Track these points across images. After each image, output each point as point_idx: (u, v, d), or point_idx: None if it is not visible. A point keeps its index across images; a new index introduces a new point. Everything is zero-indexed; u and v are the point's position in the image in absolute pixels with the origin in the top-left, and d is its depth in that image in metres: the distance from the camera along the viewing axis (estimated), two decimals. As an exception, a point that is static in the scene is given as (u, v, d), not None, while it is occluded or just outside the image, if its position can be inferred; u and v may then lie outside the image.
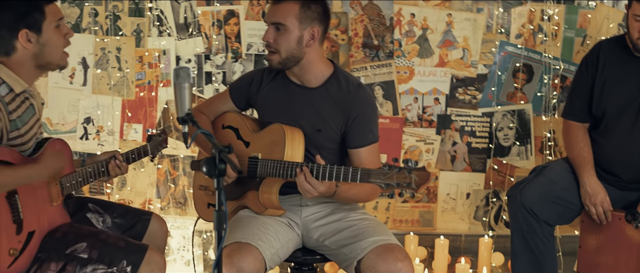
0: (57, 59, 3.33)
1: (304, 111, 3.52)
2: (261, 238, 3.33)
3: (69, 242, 3.24)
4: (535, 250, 3.99)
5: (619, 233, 3.92)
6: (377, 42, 5.11)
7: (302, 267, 3.61)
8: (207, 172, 2.66)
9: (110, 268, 3.20)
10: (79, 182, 3.41)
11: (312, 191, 3.21)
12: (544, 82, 5.06)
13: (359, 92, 3.52)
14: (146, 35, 5.05)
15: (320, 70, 3.52)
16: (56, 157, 3.27)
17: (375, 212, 5.21)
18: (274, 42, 3.43)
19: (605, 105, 3.94)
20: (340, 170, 3.15)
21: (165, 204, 5.15)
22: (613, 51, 3.94)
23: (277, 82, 3.61)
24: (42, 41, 3.25)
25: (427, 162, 5.20)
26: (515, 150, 5.18)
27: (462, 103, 5.17)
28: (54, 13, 3.29)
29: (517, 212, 3.98)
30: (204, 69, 5.10)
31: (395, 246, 3.29)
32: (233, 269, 3.19)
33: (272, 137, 3.46)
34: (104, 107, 5.08)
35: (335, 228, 3.47)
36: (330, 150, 3.53)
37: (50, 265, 3.20)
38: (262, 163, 3.43)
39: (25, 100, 3.27)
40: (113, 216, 3.58)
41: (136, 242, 3.34)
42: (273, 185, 3.42)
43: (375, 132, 3.54)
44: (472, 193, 5.24)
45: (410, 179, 2.98)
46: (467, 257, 5.06)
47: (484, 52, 5.11)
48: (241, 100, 3.72)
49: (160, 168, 5.14)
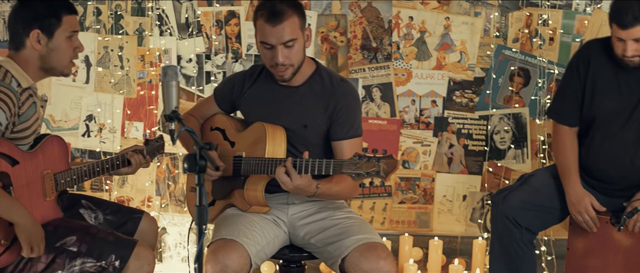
0: (62, 67, 3.42)
1: (289, 108, 3.57)
2: (247, 235, 3.38)
3: (59, 236, 3.30)
4: (514, 256, 4.01)
5: (606, 236, 3.94)
6: (375, 44, 5.16)
7: (290, 264, 3.66)
8: (188, 168, 2.73)
9: (99, 262, 3.27)
10: (74, 179, 3.46)
11: (288, 182, 3.25)
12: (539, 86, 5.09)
13: (342, 86, 3.59)
14: (148, 34, 5.13)
15: (304, 68, 3.58)
16: (38, 229, 3.23)
17: (373, 213, 5.26)
18: (287, 59, 3.45)
19: (596, 111, 3.94)
20: (314, 163, 3.21)
21: (164, 202, 5.22)
22: (604, 54, 3.92)
23: (260, 84, 3.67)
24: (51, 46, 3.35)
25: (424, 163, 5.25)
26: (511, 154, 5.21)
27: (459, 106, 5.22)
28: (70, 24, 3.39)
29: (499, 219, 4.01)
30: (204, 68, 5.17)
31: (378, 244, 3.34)
32: (218, 266, 3.25)
33: (255, 135, 3.52)
34: (105, 104, 5.15)
35: (320, 226, 3.52)
36: (318, 145, 3.59)
37: (40, 257, 3.25)
38: (245, 161, 3.49)
39: (29, 97, 3.35)
40: (105, 213, 3.64)
41: (125, 237, 3.40)
42: (258, 183, 3.48)
43: (358, 126, 3.60)
44: (469, 195, 5.28)
45: (378, 167, 3.05)
46: (463, 258, 5.10)
47: (481, 55, 5.15)
48: (226, 104, 3.80)
49: (160, 166, 5.22)
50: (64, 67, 3.42)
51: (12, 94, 3.22)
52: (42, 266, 3.26)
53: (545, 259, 4.93)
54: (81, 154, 5.18)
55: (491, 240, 4.11)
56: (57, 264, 3.27)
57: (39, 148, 3.36)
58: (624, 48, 3.73)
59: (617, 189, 3.95)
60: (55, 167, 3.41)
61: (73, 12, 3.43)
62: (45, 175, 3.37)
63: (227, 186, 3.60)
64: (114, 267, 3.27)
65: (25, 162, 3.29)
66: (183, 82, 5.13)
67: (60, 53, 3.38)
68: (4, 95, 3.18)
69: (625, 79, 3.87)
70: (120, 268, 3.28)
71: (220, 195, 3.65)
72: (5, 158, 3.21)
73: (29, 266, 3.26)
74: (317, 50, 5.15)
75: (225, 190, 3.61)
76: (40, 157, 3.36)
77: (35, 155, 3.34)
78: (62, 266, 3.27)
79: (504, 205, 3.98)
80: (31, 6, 3.36)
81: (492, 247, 4.10)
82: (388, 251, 3.33)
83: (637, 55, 3.74)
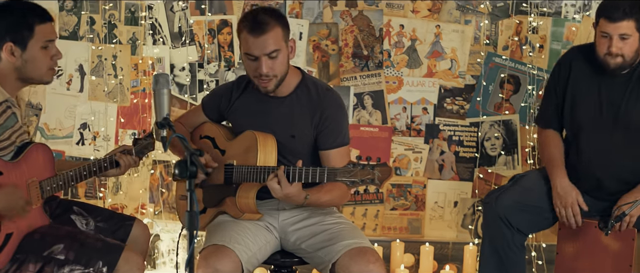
0: (40, 76, 3.41)
1: (277, 119, 3.60)
2: (238, 241, 3.41)
3: (46, 244, 3.31)
4: (504, 258, 4.04)
5: (594, 241, 3.97)
6: (366, 52, 5.20)
7: (281, 269, 3.69)
8: (179, 174, 2.77)
9: (87, 269, 3.27)
10: (60, 185, 3.44)
11: (278, 190, 3.28)
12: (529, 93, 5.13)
13: (327, 96, 3.62)
14: (141, 43, 5.17)
15: (290, 78, 3.60)
16: (15, 196, 3.26)
17: (364, 219, 5.29)
18: (271, 70, 3.47)
19: (579, 116, 3.98)
20: (308, 171, 3.25)
21: (158, 209, 5.25)
22: (584, 60, 3.96)
23: (247, 95, 3.69)
24: (25, 57, 3.33)
25: (415, 170, 5.29)
26: (502, 160, 5.25)
27: (450, 113, 5.26)
28: (44, 33, 3.37)
29: (490, 220, 4.04)
30: (197, 77, 5.21)
31: (368, 249, 3.37)
32: (209, 270, 3.28)
33: (245, 143, 3.55)
34: (99, 113, 5.19)
35: (311, 231, 3.55)
36: (306, 155, 3.61)
37: (28, 266, 3.27)
38: (237, 169, 3.52)
39: (7, 109, 3.33)
40: (97, 220, 3.64)
41: (113, 242, 3.40)
42: (249, 190, 3.51)
43: (345, 134, 3.63)
44: (460, 201, 5.32)
45: (373, 175, 3.10)
46: (454, 264, 5.13)
47: (471, 63, 5.19)
48: (213, 114, 3.82)
49: (154, 173, 5.25)
50: (42, 76, 3.41)
51: None
52: None
53: (535, 264, 4.97)
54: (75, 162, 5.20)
55: (482, 243, 4.14)
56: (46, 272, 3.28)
57: (23, 158, 3.35)
58: (609, 44, 3.76)
59: (604, 193, 3.98)
60: (40, 175, 3.40)
61: (46, 20, 3.39)
62: (30, 183, 3.35)
63: (219, 194, 3.63)
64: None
65: (9, 172, 3.28)
66: (176, 90, 5.17)
67: (36, 63, 3.36)
68: None
69: (606, 84, 3.91)
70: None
71: (211, 203, 3.68)
72: None
73: None
74: (309, 58, 5.19)
75: (217, 197, 3.64)
76: (24, 166, 3.34)
77: (19, 165, 3.33)
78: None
79: (497, 205, 4.02)
80: (2, 18, 3.32)
81: (482, 249, 4.13)
82: (377, 255, 3.37)
83: (620, 55, 3.77)
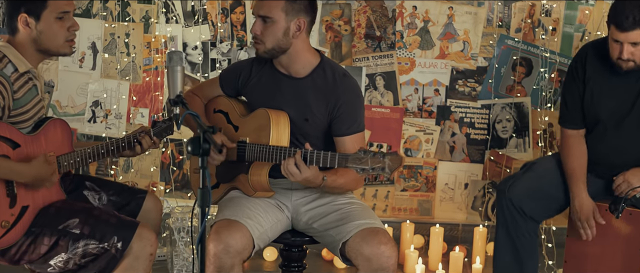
0: (57, 47, 3.42)
1: (292, 101, 3.59)
2: (250, 217, 3.42)
3: (61, 218, 3.33)
4: (518, 245, 4.05)
5: (605, 224, 3.97)
6: (379, 33, 5.20)
7: (291, 249, 3.70)
8: (192, 151, 2.78)
9: (102, 244, 3.29)
10: (77, 162, 3.46)
11: (297, 174, 3.28)
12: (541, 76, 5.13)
13: (344, 82, 3.59)
14: (154, 21, 5.17)
15: (308, 60, 3.59)
16: (46, 166, 3.31)
17: (375, 200, 5.30)
18: (261, 34, 3.49)
19: (598, 111, 3.96)
20: (319, 155, 3.24)
21: (169, 187, 5.27)
22: (599, 56, 3.94)
23: (265, 72, 3.68)
24: (40, 28, 3.36)
25: (426, 151, 5.29)
26: (513, 143, 5.25)
27: (462, 95, 5.26)
28: (58, 5, 3.38)
29: (504, 208, 4.03)
30: (209, 56, 5.21)
31: (379, 229, 3.37)
32: (221, 245, 3.28)
33: (258, 121, 3.55)
34: (111, 91, 5.20)
35: (323, 211, 3.56)
36: (318, 138, 3.61)
37: (43, 239, 3.30)
38: (249, 147, 3.52)
39: (28, 80, 3.38)
40: (109, 194, 3.66)
41: (127, 218, 3.42)
42: (262, 168, 3.51)
43: (361, 121, 3.61)
44: (470, 183, 5.32)
45: (383, 164, 3.07)
46: (464, 246, 5.13)
47: (484, 45, 5.19)
48: (230, 90, 3.80)
49: (165, 151, 5.27)
50: (59, 47, 3.42)
51: (4, 80, 3.25)
52: (45, 248, 3.31)
53: (545, 247, 4.97)
54: (87, 140, 5.23)
55: (496, 229, 4.14)
56: (60, 246, 3.30)
57: (41, 131, 3.39)
58: (620, 50, 3.74)
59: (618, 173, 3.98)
60: (58, 150, 3.43)
61: None
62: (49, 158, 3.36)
63: (231, 170, 3.63)
64: (117, 249, 3.30)
65: (27, 144, 3.32)
66: (188, 69, 5.17)
67: (52, 34, 3.38)
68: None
69: (621, 79, 3.89)
70: (123, 249, 3.31)
71: (224, 179, 3.69)
72: (5, 141, 3.25)
73: (32, 248, 3.31)
74: (322, 38, 5.19)
75: (230, 174, 3.65)
76: (43, 140, 3.38)
77: (37, 138, 3.37)
78: (65, 248, 3.30)
79: (510, 194, 4.01)
80: None
81: (497, 235, 4.13)
82: (389, 236, 3.36)
83: (632, 60, 3.75)
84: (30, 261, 3.34)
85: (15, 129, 3.30)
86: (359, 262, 3.33)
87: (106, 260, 3.32)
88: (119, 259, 3.32)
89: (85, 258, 3.32)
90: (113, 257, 3.31)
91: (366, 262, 3.31)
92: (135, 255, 3.34)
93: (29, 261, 3.34)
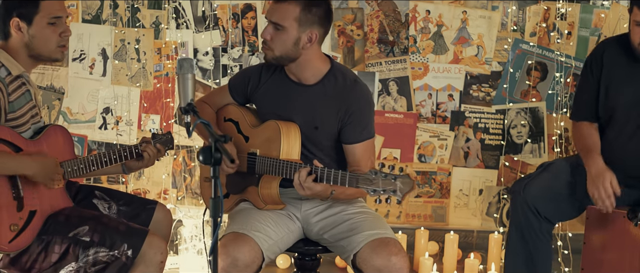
0: (48, 52, 3.41)
1: (302, 108, 3.54)
2: (259, 230, 3.37)
3: (71, 225, 3.31)
4: (531, 247, 3.99)
5: (623, 231, 3.91)
6: (392, 38, 5.15)
7: (305, 258, 3.66)
8: (203, 160, 2.73)
9: (112, 252, 3.27)
10: (81, 169, 3.44)
11: (307, 190, 3.24)
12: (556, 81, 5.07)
13: (355, 88, 3.54)
14: (165, 27, 5.14)
15: (317, 67, 3.54)
16: (51, 160, 3.32)
17: (388, 206, 5.25)
18: (270, 41, 3.44)
19: (613, 105, 3.93)
20: (330, 173, 3.18)
21: (180, 194, 5.23)
22: (617, 52, 3.91)
23: (275, 79, 3.63)
24: (31, 33, 3.35)
25: (440, 157, 5.24)
26: (528, 148, 5.20)
27: (476, 100, 5.20)
28: (50, 9, 3.37)
29: (519, 208, 3.99)
30: (221, 61, 5.17)
31: (390, 240, 3.31)
32: (228, 259, 3.24)
33: (268, 133, 3.50)
34: (122, 97, 5.17)
35: (333, 221, 3.51)
36: (328, 146, 3.57)
37: (54, 247, 3.28)
38: (260, 160, 3.47)
39: (22, 85, 3.36)
40: (119, 204, 3.63)
41: (137, 227, 3.40)
42: (272, 181, 3.46)
43: (371, 128, 3.56)
44: (485, 189, 5.27)
45: (395, 186, 2.99)
46: (478, 252, 5.09)
47: (498, 49, 5.14)
48: (240, 97, 3.75)
49: (177, 159, 5.23)
50: (51, 53, 3.41)
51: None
52: (56, 257, 3.28)
53: (561, 254, 4.92)
54: (98, 146, 5.20)
55: (509, 231, 4.09)
56: (71, 255, 3.28)
57: (43, 137, 3.38)
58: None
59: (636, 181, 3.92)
60: (60, 156, 3.41)
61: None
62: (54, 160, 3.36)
63: (242, 182, 3.59)
64: (127, 256, 3.27)
65: (29, 149, 3.30)
66: (199, 75, 5.14)
67: (44, 39, 3.37)
68: None
69: None
70: (133, 257, 3.28)
71: (234, 189, 3.65)
72: (7, 145, 3.23)
73: (43, 256, 3.29)
74: (334, 43, 5.15)
75: (240, 185, 3.61)
76: (44, 145, 3.37)
77: (39, 143, 3.35)
78: (75, 257, 3.28)
79: (525, 193, 3.96)
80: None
81: (509, 237, 4.07)
82: (400, 246, 3.31)
83: None
84: (41, 270, 3.32)
85: (17, 133, 3.29)
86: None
87: (117, 268, 3.29)
88: (130, 267, 3.30)
89: (96, 267, 3.29)
90: (124, 265, 3.29)
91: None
92: (146, 263, 3.32)
93: (40, 270, 3.32)
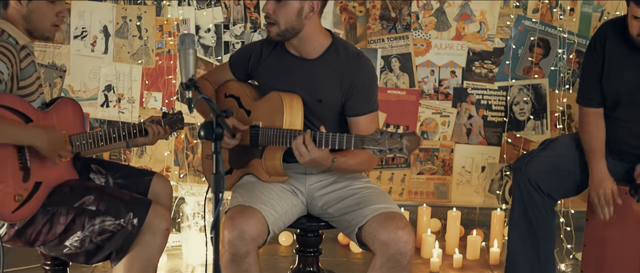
0: (43, 30, 3.43)
1: (304, 82, 3.53)
2: (264, 203, 3.37)
3: (76, 196, 3.31)
4: (534, 223, 4.00)
5: (625, 208, 3.91)
6: (394, 14, 5.14)
7: (307, 233, 3.66)
8: (205, 136, 2.73)
9: (118, 220, 3.27)
10: (89, 143, 3.44)
11: (306, 154, 3.24)
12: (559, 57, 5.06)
13: (357, 61, 3.54)
14: (166, 4, 5.12)
15: (319, 41, 3.53)
16: (61, 134, 3.33)
17: (391, 183, 5.26)
18: (273, 14, 3.43)
19: (616, 88, 3.92)
20: (335, 137, 3.19)
21: (183, 172, 5.23)
22: (620, 33, 3.90)
23: (276, 54, 3.63)
24: (30, 7, 3.36)
25: (443, 134, 5.24)
26: (530, 125, 5.19)
27: (479, 76, 5.19)
28: None
29: (521, 184, 3.99)
30: (223, 38, 5.16)
31: (397, 214, 3.32)
32: (235, 231, 3.24)
33: (271, 105, 3.50)
34: (123, 75, 5.16)
35: (338, 196, 3.51)
36: (332, 120, 3.55)
37: (59, 218, 3.27)
38: (263, 131, 3.47)
39: (28, 55, 3.37)
40: (115, 177, 3.64)
41: (140, 197, 3.41)
42: (276, 152, 3.47)
43: (374, 101, 3.56)
44: (487, 166, 5.27)
45: (401, 144, 3.00)
46: (481, 229, 5.09)
47: (500, 26, 5.12)
48: (241, 73, 3.75)
49: (179, 136, 5.23)
50: (45, 30, 3.43)
51: (11, 47, 3.24)
52: (61, 228, 3.28)
53: (564, 230, 4.92)
54: (100, 124, 5.20)
55: (511, 207, 4.09)
56: (77, 224, 3.28)
57: (53, 109, 3.38)
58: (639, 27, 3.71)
59: None
60: (70, 129, 3.41)
61: None
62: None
63: (245, 155, 3.59)
64: (133, 225, 3.27)
65: (39, 120, 3.30)
66: (201, 52, 5.13)
67: (41, 15, 3.39)
68: (3, 48, 3.20)
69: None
70: (139, 225, 3.28)
71: (237, 164, 3.65)
72: (18, 115, 3.23)
73: (48, 228, 3.28)
74: (336, 20, 5.13)
75: (243, 159, 3.61)
76: (54, 117, 3.37)
77: (49, 115, 3.35)
78: (81, 226, 3.28)
79: (527, 170, 3.97)
80: None
81: (512, 213, 4.08)
82: (406, 221, 3.30)
83: None
84: (46, 242, 3.32)
85: (28, 104, 3.28)
86: (376, 247, 3.28)
87: (123, 237, 3.29)
88: (135, 236, 3.30)
89: (102, 236, 3.29)
90: (129, 234, 3.29)
91: (383, 247, 3.25)
92: (152, 231, 3.32)
93: (44, 242, 3.32)
